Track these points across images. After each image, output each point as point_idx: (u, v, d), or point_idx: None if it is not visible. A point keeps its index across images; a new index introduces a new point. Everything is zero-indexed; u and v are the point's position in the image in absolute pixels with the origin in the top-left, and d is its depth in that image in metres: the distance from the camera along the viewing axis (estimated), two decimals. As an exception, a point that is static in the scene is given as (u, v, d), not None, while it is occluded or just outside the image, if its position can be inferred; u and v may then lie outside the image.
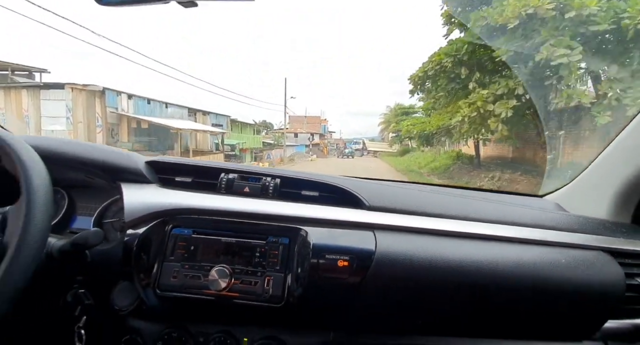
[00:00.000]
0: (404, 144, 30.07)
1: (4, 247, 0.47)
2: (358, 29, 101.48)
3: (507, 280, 0.62)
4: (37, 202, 0.48)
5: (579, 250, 0.67)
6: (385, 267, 0.63)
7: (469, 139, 8.62)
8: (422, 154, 17.91)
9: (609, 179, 0.82)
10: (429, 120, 11.05)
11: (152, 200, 0.69)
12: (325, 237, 0.65)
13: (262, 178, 0.78)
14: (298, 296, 0.62)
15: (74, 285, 0.63)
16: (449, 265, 0.62)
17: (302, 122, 48.61)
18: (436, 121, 9.99)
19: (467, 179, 8.55)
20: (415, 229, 0.68)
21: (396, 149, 28.23)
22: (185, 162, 0.84)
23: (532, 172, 7.06)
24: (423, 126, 11.51)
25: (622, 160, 0.79)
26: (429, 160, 14.28)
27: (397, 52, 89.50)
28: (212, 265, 0.64)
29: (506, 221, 0.71)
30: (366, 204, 0.72)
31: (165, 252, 0.65)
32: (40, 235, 0.47)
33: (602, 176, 0.85)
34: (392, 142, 28.55)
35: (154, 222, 0.67)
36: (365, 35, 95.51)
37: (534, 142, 7.43)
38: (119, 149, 0.80)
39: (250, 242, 0.66)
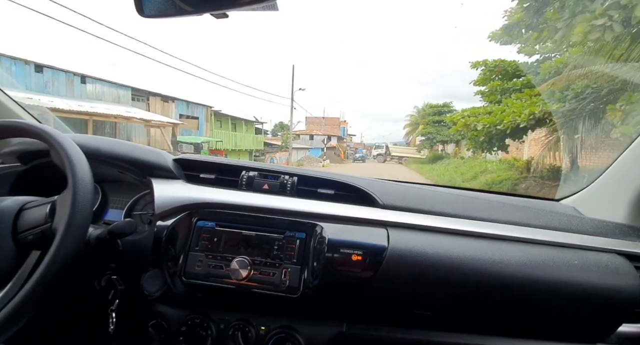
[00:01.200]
0: (434, 149, 27.12)
1: (53, 231, 0.55)
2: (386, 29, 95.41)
3: (519, 280, 0.65)
4: (82, 193, 0.55)
5: (593, 253, 0.70)
6: (396, 262, 0.67)
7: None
8: (462, 162, 15.73)
9: (627, 183, 0.84)
10: (504, 110, 7.35)
11: (179, 195, 0.77)
12: (340, 233, 0.71)
13: (280, 176, 0.85)
14: (313, 288, 0.68)
15: (107, 271, 0.70)
16: (460, 263, 0.66)
17: (320, 124, 44.27)
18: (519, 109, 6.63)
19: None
20: (427, 227, 0.72)
21: (425, 155, 26.01)
22: (209, 160, 0.91)
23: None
24: (493, 119, 7.53)
25: (638, 165, 0.79)
26: (477, 169, 11.65)
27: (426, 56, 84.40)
28: (234, 256, 0.70)
29: (519, 222, 0.75)
30: (380, 203, 0.78)
31: (190, 242, 0.72)
32: (84, 222, 0.54)
33: (620, 180, 0.87)
34: (420, 147, 26.44)
35: (181, 214, 0.73)
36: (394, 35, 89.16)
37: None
38: (148, 147, 0.87)
39: (269, 236, 0.72)
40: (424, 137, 23.82)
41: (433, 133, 22.15)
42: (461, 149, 20.84)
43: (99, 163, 0.76)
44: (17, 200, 0.61)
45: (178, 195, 0.78)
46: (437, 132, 22.11)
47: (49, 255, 0.50)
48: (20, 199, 0.61)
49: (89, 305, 0.74)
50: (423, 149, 24.44)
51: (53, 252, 0.50)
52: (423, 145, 23.45)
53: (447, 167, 14.75)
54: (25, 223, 0.57)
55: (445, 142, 22.84)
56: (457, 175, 11.64)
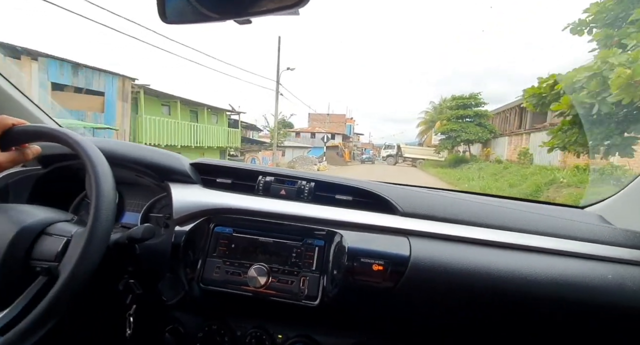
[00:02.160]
0: (455, 151, 23.71)
1: (57, 272, 0.57)
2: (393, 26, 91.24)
3: (548, 295, 0.63)
4: (105, 197, 0.57)
5: (628, 266, 0.67)
6: (419, 273, 0.66)
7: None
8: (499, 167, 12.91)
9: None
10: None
11: (197, 200, 0.78)
12: (360, 241, 0.71)
13: (297, 181, 0.85)
14: (333, 297, 0.68)
15: (125, 275, 0.70)
16: (486, 275, 0.65)
17: (324, 121, 39.73)
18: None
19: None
20: (450, 236, 0.71)
21: (444, 157, 23.13)
22: (226, 164, 0.93)
23: None
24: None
25: None
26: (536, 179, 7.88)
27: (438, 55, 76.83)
28: (251, 263, 0.71)
29: (547, 232, 0.73)
30: (400, 210, 0.77)
31: (208, 248, 0.74)
32: (108, 225, 0.57)
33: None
34: (439, 148, 22.89)
35: (199, 220, 0.75)
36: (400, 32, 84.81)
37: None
38: (166, 151, 0.89)
39: (287, 243, 0.73)
40: (444, 135, 20.94)
41: (457, 130, 19.36)
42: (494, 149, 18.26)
43: (117, 167, 0.74)
44: (42, 220, 0.62)
45: (196, 200, 0.79)
46: (461, 129, 19.37)
47: (52, 291, 0.52)
48: (44, 218, 0.63)
49: (107, 308, 0.74)
50: (443, 149, 21.79)
51: (80, 254, 0.53)
52: (443, 145, 20.67)
53: (480, 173, 12.60)
54: (38, 252, 0.59)
55: (470, 142, 20.11)
56: (504, 186, 8.96)
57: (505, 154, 15.95)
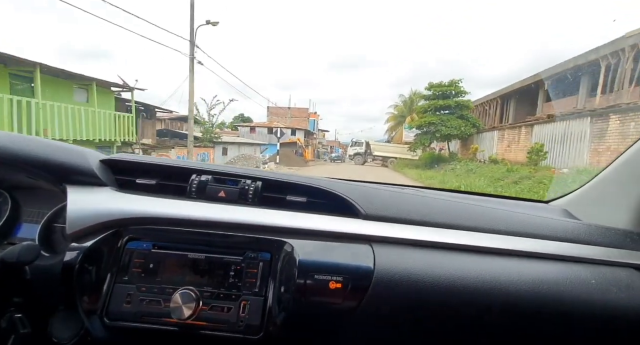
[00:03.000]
0: (431, 148, 21.04)
1: None
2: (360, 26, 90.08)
3: (528, 301, 0.59)
4: None
5: (607, 268, 0.65)
6: (385, 288, 0.59)
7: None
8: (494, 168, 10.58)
9: (629, 186, 0.80)
10: None
11: (103, 207, 0.64)
12: (314, 252, 0.61)
13: (240, 181, 0.74)
14: (280, 325, 0.58)
15: (10, 308, 0.59)
16: (462, 286, 0.59)
17: (284, 115, 35.02)
18: None
19: None
20: (419, 241, 0.65)
21: (417, 155, 20.22)
22: (150, 160, 0.78)
23: None
24: None
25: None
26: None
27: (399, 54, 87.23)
28: (176, 287, 0.59)
29: (520, 232, 0.69)
30: (362, 213, 0.69)
31: (117, 271, 0.61)
32: None
33: (621, 183, 0.83)
34: (413, 145, 19.79)
35: (104, 233, 0.61)
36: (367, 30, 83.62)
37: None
38: (68, 145, 0.75)
39: (223, 259, 0.62)
40: (419, 130, 18.85)
41: (436, 124, 17.25)
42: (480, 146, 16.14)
43: (3, 166, 0.68)
44: None
45: (100, 207, 0.64)
46: (441, 122, 17.26)
47: None
48: None
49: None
50: (418, 147, 19.30)
51: None
52: (420, 141, 18.18)
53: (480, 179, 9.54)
54: None
55: (451, 137, 17.93)
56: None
57: (495, 151, 14.48)
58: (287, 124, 33.60)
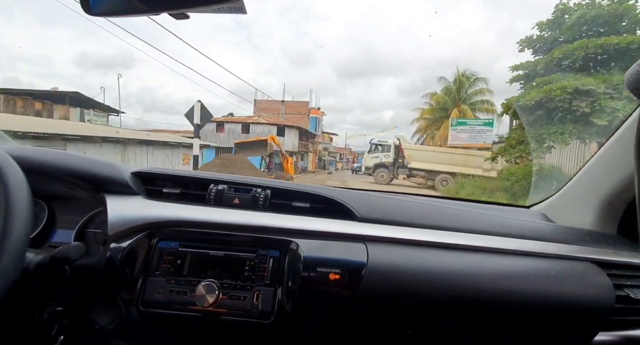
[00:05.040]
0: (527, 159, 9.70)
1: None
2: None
3: (499, 293, 0.73)
4: (16, 215, 0.52)
5: (567, 261, 0.80)
6: (376, 279, 0.72)
7: None
8: None
9: (594, 190, 0.98)
10: None
11: (137, 213, 0.78)
12: (316, 250, 0.76)
13: (252, 189, 0.90)
14: (289, 311, 0.73)
15: (51, 302, 0.71)
16: (440, 278, 0.73)
17: (277, 110, 24.26)
18: None
19: None
20: (406, 240, 0.80)
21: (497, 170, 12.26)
22: (173, 172, 0.96)
23: None
24: None
25: (605, 172, 0.96)
26: None
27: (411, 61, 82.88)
28: (199, 280, 0.73)
29: (497, 232, 0.86)
30: (358, 216, 0.84)
31: (150, 266, 0.75)
32: (17, 250, 0.52)
33: (587, 187, 1.02)
34: (508, 151, 9.02)
35: (139, 235, 0.76)
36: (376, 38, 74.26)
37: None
38: (103, 159, 0.90)
39: (239, 256, 0.77)
40: (525, 116, 8.37)
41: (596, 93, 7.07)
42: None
43: (43, 178, 0.80)
44: None
45: (135, 213, 0.77)
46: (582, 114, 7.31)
47: None
48: None
49: (29, 343, 0.73)
50: (515, 153, 8.71)
51: None
52: (521, 150, 8.42)
53: None
54: None
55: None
56: None
57: None
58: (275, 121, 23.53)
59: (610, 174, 0.90)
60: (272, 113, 29.52)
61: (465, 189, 11.08)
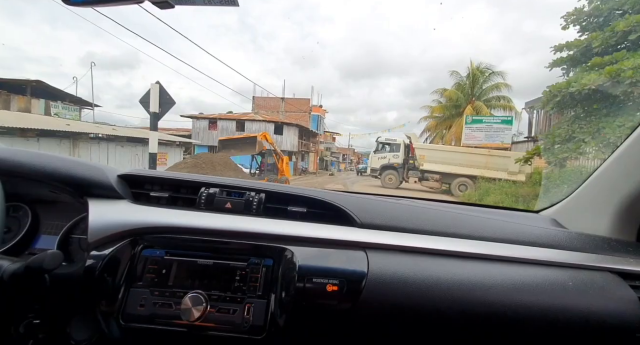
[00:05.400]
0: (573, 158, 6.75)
1: None
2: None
3: (512, 306, 0.68)
4: None
5: (585, 271, 0.75)
6: (378, 291, 0.69)
7: None
8: None
9: (609, 194, 0.92)
10: None
11: (121, 218, 0.75)
12: (312, 258, 0.72)
13: (245, 193, 0.87)
14: (282, 325, 0.69)
15: (28, 314, 0.68)
16: (447, 288, 0.69)
17: (276, 107, 22.47)
18: None
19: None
20: (410, 248, 0.76)
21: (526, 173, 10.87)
22: (162, 175, 0.93)
23: None
24: None
25: (622, 175, 0.90)
26: None
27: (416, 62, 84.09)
28: (186, 291, 0.69)
29: (505, 239, 0.82)
30: (358, 221, 0.82)
31: (132, 276, 0.71)
32: None
33: (602, 191, 0.96)
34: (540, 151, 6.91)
35: (122, 242, 0.73)
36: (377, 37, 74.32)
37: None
38: (88, 161, 0.88)
39: (230, 264, 0.73)
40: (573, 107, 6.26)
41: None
42: None
43: (25, 181, 0.77)
44: None
45: (119, 218, 0.74)
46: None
47: None
48: None
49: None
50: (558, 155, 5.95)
51: None
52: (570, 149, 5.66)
53: None
54: None
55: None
56: None
57: None
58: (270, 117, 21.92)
59: (630, 175, 0.85)
60: (272, 111, 28.11)
61: (491, 196, 9.55)
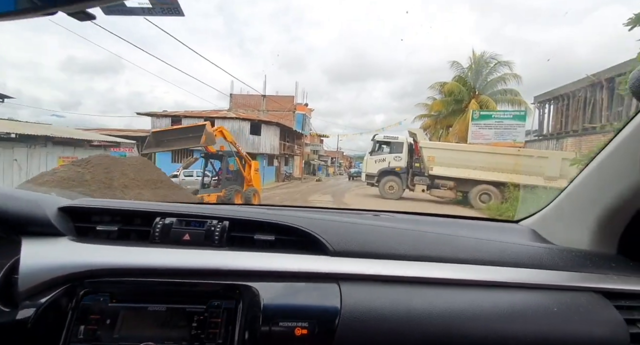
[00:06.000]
0: None
1: None
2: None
3: (497, 334, 0.66)
4: None
5: (570, 293, 0.74)
6: (352, 329, 0.64)
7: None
8: None
9: (590, 203, 0.91)
10: None
11: (57, 261, 0.68)
12: (279, 296, 0.68)
13: (207, 221, 0.81)
14: None
15: None
16: (426, 321, 0.66)
17: (257, 105, 18.95)
18: None
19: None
20: (386, 277, 0.73)
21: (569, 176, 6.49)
22: (111, 205, 0.86)
23: None
24: None
25: (604, 182, 0.88)
26: None
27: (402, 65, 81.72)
28: (135, 344, 0.64)
29: (488, 260, 0.79)
30: (330, 249, 0.77)
31: (71, 329, 0.64)
32: None
33: (582, 200, 0.94)
34: None
35: (59, 289, 0.66)
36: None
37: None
38: (22, 192, 0.80)
39: (186, 309, 0.67)
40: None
41: None
42: None
43: None
44: None
45: (55, 260, 0.67)
46: None
47: None
48: None
49: None
50: None
51: None
52: None
53: None
54: None
55: None
56: None
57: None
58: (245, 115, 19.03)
59: (610, 184, 0.82)
60: (252, 110, 25.37)
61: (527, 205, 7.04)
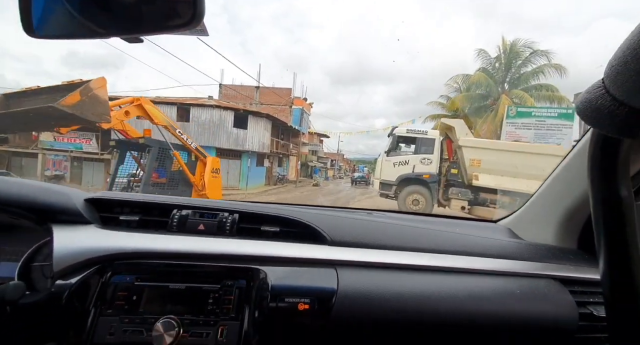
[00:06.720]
0: None
1: None
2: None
3: (467, 312, 0.78)
4: None
5: (531, 279, 0.88)
6: (347, 307, 0.76)
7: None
8: None
9: (555, 205, 1.07)
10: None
11: (88, 245, 0.77)
12: (285, 278, 0.79)
13: (219, 214, 0.93)
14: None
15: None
16: (412, 301, 0.78)
17: (250, 98, 15.31)
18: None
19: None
20: (376, 263, 0.86)
21: None
22: (132, 198, 0.97)
23: None
24: None
25: (564, 187, 1.04)
26: None
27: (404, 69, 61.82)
28: (158, 316, 0.72)
29: (463, 251, 0.93)
30: (328, 239, 0.90)
31: (101, 304, 0.74)
32: None
33: (548, 202, 1.12)
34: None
35: (89, 270, 0.75)
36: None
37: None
38: (52, 185, 0.92)
39: (202, 287, 0.76)
40: None
41: None
42: None
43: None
44: None
45: (85, 245, 0.75)
46: None
47: None
48: None
49: None
50: None
51: None
52: None
53: None
54: None
55: None
56: None
57: None
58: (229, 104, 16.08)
59: (570, 189, 0.97)
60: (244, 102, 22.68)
61: None
